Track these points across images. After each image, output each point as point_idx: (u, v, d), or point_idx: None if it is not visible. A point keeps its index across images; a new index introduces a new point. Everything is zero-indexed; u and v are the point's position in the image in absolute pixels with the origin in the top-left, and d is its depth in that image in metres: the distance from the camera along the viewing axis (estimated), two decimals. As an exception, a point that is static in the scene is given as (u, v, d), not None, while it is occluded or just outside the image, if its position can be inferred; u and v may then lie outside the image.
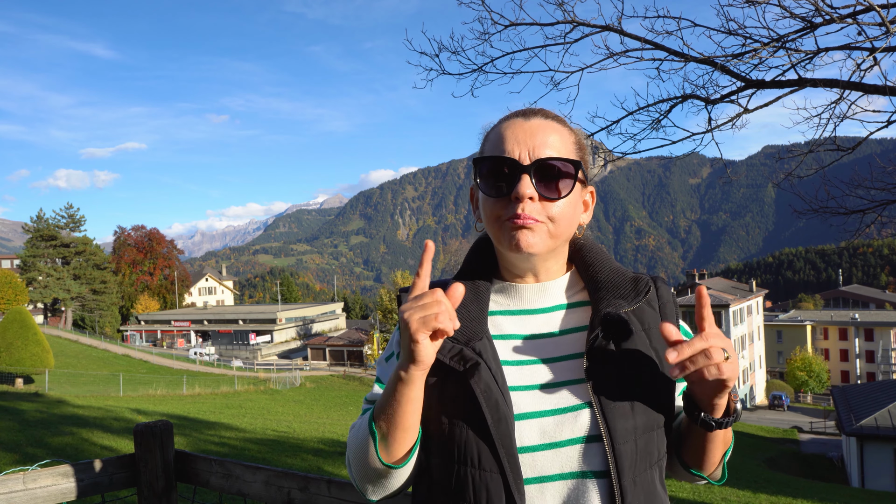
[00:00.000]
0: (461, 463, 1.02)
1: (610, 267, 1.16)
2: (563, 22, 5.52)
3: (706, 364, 0.95)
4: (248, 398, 27.45)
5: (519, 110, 1.15)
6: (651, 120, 5.94)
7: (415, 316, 0.93)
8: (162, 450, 2.22)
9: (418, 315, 0.93)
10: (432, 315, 0.92)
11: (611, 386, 1.04)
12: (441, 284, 1.18)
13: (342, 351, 58.28)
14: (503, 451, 0.99)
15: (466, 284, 1.14)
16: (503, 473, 0.99)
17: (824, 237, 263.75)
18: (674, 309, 1.18)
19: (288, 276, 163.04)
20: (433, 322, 0.92)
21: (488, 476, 1.00)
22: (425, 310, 0.93)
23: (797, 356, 55.83)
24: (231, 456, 9.84)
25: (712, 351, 0.94)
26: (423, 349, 0.94)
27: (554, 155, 1.08)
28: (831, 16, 4.80)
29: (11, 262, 72.81)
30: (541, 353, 1.10)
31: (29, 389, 25.77)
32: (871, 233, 6.18)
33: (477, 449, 1.01)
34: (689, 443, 1.12)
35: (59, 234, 64.89)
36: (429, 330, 0.93)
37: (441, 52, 5.71)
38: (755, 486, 11.39)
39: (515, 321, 1.14)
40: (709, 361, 0.94)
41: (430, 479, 1.09)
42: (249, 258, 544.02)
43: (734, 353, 0.99)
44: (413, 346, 0.94)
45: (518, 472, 0.99)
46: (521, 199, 1.05)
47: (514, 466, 0.99)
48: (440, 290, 0.95)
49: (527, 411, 1.04)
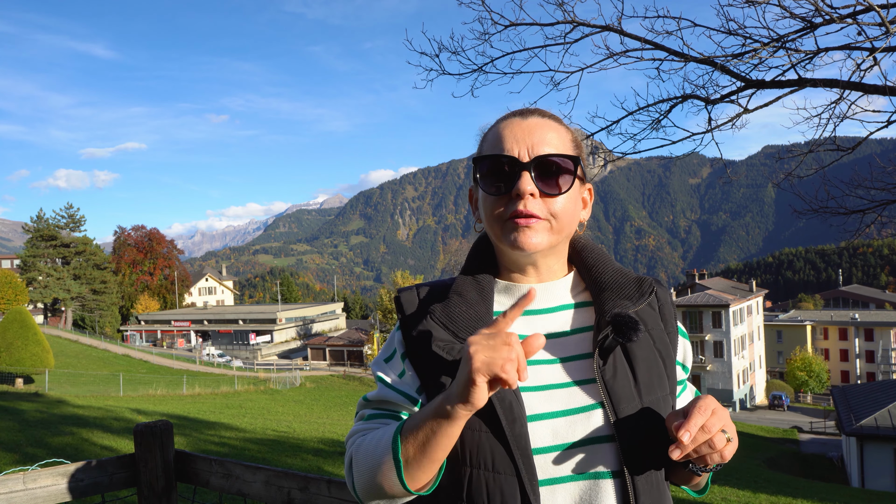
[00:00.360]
0: (474, 466, 1.01)
1: (613, 268, 1.16)
2: (563, 22, 5.52)
3: (709, 452, 0.95)
4: (248, 398, 27.45)
5: (516, 110, 1.15)
6: (651, 120, 5.94)
7: (481, 354, 0.88)
8: (162, 450, 2.22)
9: (485, 354, 0.88)
10: (500, 360, 0.87)
11: (620, 386, 1.04)
12: (440, 285, 1.18)
13: (342, 351, 58.29)
14: (518, 452, 0.98)
15: (470, 283, 1.14)
16: (518, 475, 0.98)
17: (824, 237, 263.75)
18: (671, 310, 1.19)
19: (288, 276, 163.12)
20: (497, 369, 0.87)
21: (503, 479, 0.99)
22: (494, 351, 0.88)
23: (797, 356, 55.81)
24: (231, 456, 9.84)
25: (715, 440, 0.94)
26: (479, 392, 0.89)
27: (553, 151, 1.08)
28: (831, 16, 4.80)
29: (11, 262, 72.82)
30: (549, 354, 1.10)
31: (29, 389, 25.78)
32: (871, 233, 6.18)
33: (491, 451, 1.00)
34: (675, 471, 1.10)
35: (59, 234, 64.89)
36: (490, 375, 0.88)
37: (441, 52, 5.71)
38: (755, 486, 11.39)
39: (521, 321, 1.13)
40: (712, 450, 0.94)
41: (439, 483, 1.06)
42: (249, 258, 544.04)
43: (735, 434, 0.99)
44: (470, 387, 0.89)
45: (533, 474, 0.99)
46: (522, 196, 1.05)
47: (530, 468, 0.99)
48: (516, 336, 0.90)
49: (538, 412, 1.03)
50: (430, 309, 1.11)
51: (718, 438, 0.94)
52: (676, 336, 1.18)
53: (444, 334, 1.08)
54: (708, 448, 0.94)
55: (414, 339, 1.11)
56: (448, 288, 1.16)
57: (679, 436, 0.91)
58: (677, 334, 1.18)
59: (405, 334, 1.13)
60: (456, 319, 1.09)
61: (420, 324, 1.11)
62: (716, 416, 0.94)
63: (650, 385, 1.07)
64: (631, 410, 1.03)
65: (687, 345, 1.22)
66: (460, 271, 1.19)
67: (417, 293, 1.19)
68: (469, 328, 1.07)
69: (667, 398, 1.09)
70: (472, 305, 1.10)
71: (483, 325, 1.07)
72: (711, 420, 0.93)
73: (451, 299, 1.12)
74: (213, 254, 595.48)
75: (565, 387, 1.06)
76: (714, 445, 0.94)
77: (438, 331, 1.08)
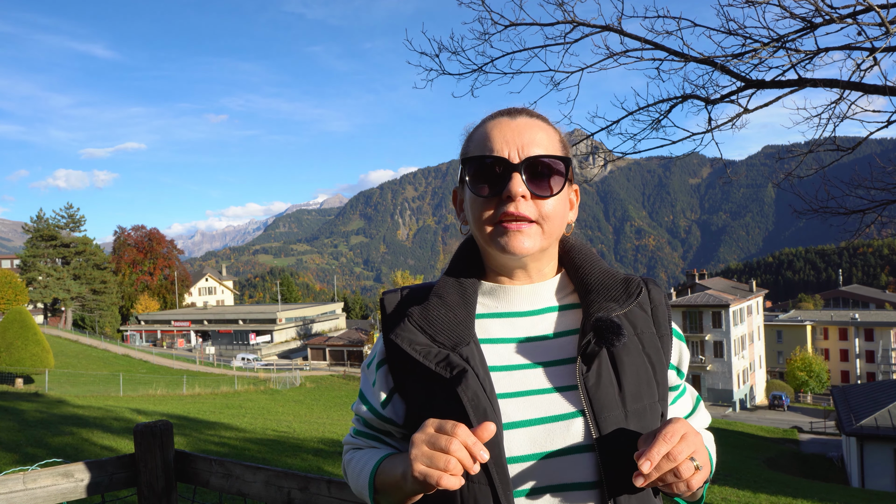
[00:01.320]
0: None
1: (600, 268, 1.12)
2: (563, 22, 5.52)
3: (675, 481, 0.90)
4: (248, 398, 27.47)
5: (503, 110, 1.12)
6: (651, 120, 5.95)
7: (419, 464, 0.89)
8: (162, 450, 2.22)
9: (422, 465, 0.89)
10: (436, 475, 0.87)
11: (604, 393, 1.00)
12: (425, 287, 1.15)
13: (342, 351, 58.27)
14: (492, 461, 0.95)
15: (453, 285, 1.11)
16: (492, 485, 0.96)
17: (824, 237, 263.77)
18: (665, 312, 1.14)
19: (288, 276, 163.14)
20: (433, 482, 0.87)
21: (477, 488, 0.97)
22: (431, 462, 0.88)
23: (797, 356, 55.80)
24: (231, 456, 9.84)
25: (682, 469, 0.89)
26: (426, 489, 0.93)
27: (543, 152, 1.05)
28: (831, 16, 4.80)
29: (11, 262, 72.81)
30: (530, 358, 1.06)
31: (29, 389, 25.79)
32: (871, 233, 6.18)
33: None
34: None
35: (59, 234, 64.89)
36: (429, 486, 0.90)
37: (441, 52, 5.71)
38: (755, 486, 11.39)
39: (504, 324, 1.10)
40: (678, 479, 0.90)
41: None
42: (249, 258, 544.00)
43: (706, 460, 0.95)
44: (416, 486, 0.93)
45: (507, 484, 0.96)
46: (514, 198, 1.02)
47: (504, 477, 0.96)
48: (461, 431, 0.88)
49: (516, 420, 0.99)
50: (408, 312, 1.08)
51: (685, 467, 0.89)
52: (670, 339, 1.13)
53: (422, 338, 1.05)
54: (673, 477, 0.89)
55: (392, 343, 1.08)
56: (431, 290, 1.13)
57: (640, 464, 0.87)
58: (671, 337, 1.14)
59: (385, 337, 1.11)
60: (434, 322, 1.05)
61: (398, 326, 1.07)
62: (684, 442, 0.89)
63: (637, 393, 1.03)
64: (613, 419, 0.99)
65: (683, 347, 1.17)
66: (443, 272, 1.15)
67: (401, 295, 1.17)
68: (447, 331, 1.04)
69: (655, 406, 1.05)
70: (452, 308, 1.07)
71: (463, 328, 1.05)
72: (679, 447, 0.89)
73: (430, 301, 1.09)
74: (213, 254, 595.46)
75: (545, 393, 1.02)
76: (680, 474, 0.89)
77: (416, 334, 1.05)
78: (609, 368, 1.03)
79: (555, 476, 0.98)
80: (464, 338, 1.04)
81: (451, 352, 1.02)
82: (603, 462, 0.97)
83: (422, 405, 1.04)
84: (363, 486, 1.10)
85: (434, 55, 5.72)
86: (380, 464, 1.07)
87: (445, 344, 1.03)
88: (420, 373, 1.04)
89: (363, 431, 1.20)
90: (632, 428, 1.00)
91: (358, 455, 1.18)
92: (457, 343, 1.03)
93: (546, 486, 0.98)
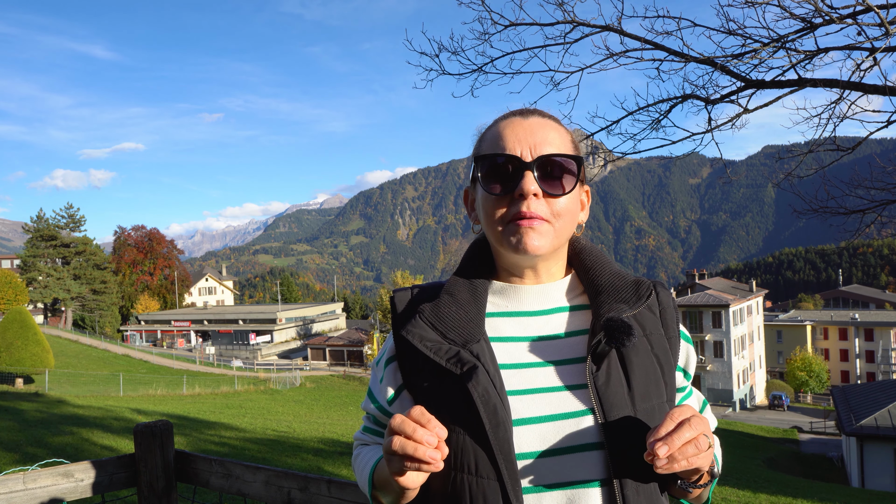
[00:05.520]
0: (458, 469, 1.00)
1: (611, 270, 1.13)
2: (563, 22, 5.52)
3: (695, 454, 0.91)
4: (248, 398, 27.46)
5: (515, 110, 1.13)
6: (651, 120, 5.94)
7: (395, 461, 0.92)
8: (162, 450, 2.22)
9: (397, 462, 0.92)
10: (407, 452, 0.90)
11: (613, 392, 1.01)
12: (436, 286, 1.16)
13: (342, 351, 58.27)
14: (501, 457, 0.96)
15: (463, 284, 1.12)
16: (501, 481, 0.97)
17: (824, 237, 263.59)
18: (674, 314, 1.15)
19: (288, 276, 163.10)
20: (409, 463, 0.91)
21: (486, 483, 0.98)
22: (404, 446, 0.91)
23: (797, 356, 55.81)
24: (231, 456, 9.84)
25: (699, 441, 0.91)
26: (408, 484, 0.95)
27: (556, 151, 1.06)
28: (831, 16, 4.80)
29: (11, 262, 72.80)
30: (540, 357, 1.07)
31: (29, 389, 25.79)
32: (871, 233, 6.18)
33: (474, 455, 0.98)
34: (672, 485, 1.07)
35: (59, 234, 64.89)
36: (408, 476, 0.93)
37: (441, 52, 5.71)
38: (755, 486, 11.40)
39: (514, 323, 1.11)
40: (698, 451, 0.91)
41: (426, 486, 1.05)
42: (249, 258, 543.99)
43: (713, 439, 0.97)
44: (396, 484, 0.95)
45: (516, 480, 0.97)
46: (526, 196, 1.03)
47: (513, 473, 0.97)
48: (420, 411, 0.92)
49: (525, 416, 1.00)
50: (420, 308, 1.09)
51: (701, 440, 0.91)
52: (678, 341, 1.14)
53: (433, 334, 1.06)
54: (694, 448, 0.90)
55: (403, 339, 1.09)
56: (442, 288, 1.14)
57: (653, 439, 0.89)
58: (679, 339, 1.15)
59: (396, 334, 1.12)
60: (445, 319, 1.07)
61: (409, 323, 1.09)
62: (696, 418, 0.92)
63: (645, 392, 1.03)
64: (622, 417, 1.00)
65: (690, 350, 1.18)
66: (454, 272, 1.16)
67: (412, 293, 1.17)
68: (458, 329, 1.05)
69: (663, 406, 1.06)
70: (463, 306, 1.08)
71: (473, 325, 1.06)
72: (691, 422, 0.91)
73: (441, 299, 1.10)
74: (213, 254, 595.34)
75: (556, 391, 1.03)
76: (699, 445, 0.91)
77: (426, 331, 1.06)
78: (618, 368, 1.04)
79: (563, 473, 0.99)
80: (474, 335, 1.04)
81: (461, 348, 1.03)
82: (612, 460, 0.98)
83: (430, 402, 1.04)
84: (364, 482, 1.14)
85: (434, 55, 5.72)
86: (380, 460, 1.10)
87: (456, 341, 1.04)
88: (430, 369, 1.04)
89: (371, 428, 1.23)
90: (639, 427, 1.00)
91: (364, 451, 1.21)
92: (467, 340, 1.04)
93: (555, 483, 0.99)
